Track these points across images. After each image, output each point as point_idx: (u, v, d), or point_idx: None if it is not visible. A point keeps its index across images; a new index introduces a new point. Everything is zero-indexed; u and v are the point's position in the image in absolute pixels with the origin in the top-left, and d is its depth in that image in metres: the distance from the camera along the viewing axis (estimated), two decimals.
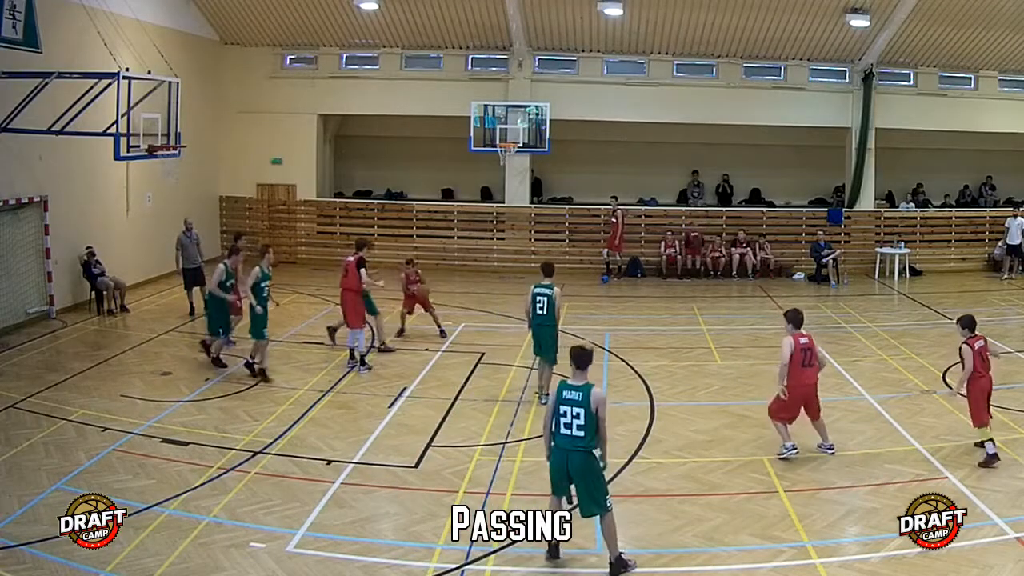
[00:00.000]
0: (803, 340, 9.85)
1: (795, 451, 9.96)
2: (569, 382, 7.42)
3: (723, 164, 24.85)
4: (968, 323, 10.14)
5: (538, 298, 11.86)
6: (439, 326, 15.69)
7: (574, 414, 7.26)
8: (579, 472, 7.33)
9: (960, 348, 10.06)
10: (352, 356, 13.72)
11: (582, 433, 7.27)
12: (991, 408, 10.03)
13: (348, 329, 13.85)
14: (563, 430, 7.33)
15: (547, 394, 12.04)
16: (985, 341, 10.13)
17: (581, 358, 7.46)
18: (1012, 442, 10.28)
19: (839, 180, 24.45)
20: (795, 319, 9.97)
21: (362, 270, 13.66)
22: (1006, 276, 22.21)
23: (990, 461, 9.71)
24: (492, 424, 10.89)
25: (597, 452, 7.41)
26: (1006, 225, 22.70)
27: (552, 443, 7.46)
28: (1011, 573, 7.34)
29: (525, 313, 12.19)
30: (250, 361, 13.18)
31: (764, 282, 22.04)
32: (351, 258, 13.83)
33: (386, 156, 25.06)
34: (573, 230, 23.54)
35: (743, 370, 13.71)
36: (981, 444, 9.92)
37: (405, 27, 22.29)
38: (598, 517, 7.48)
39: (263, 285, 12.98)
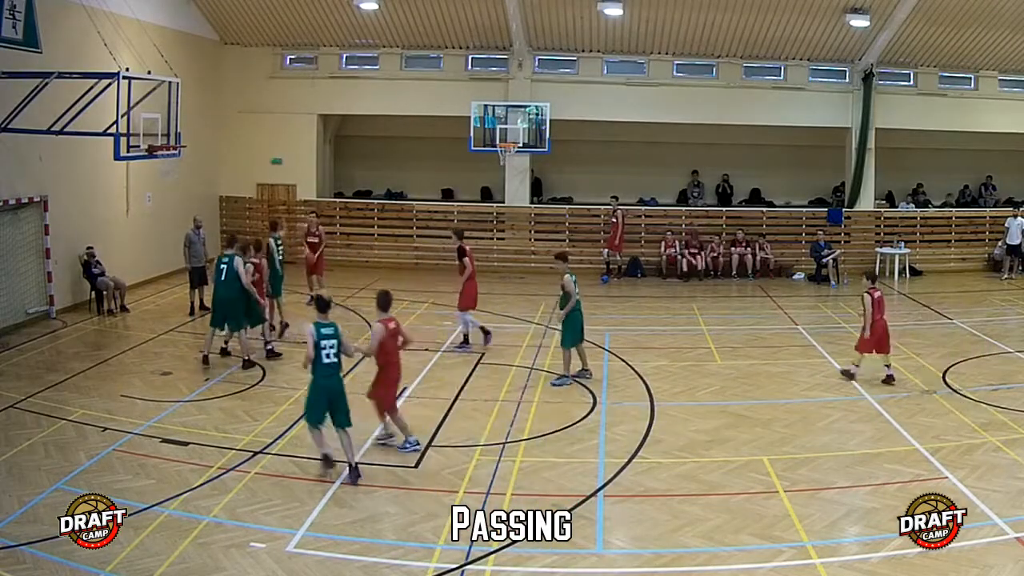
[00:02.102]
0: (392, 325, 9.98)
1: (418, 446, 10.11)
2: (322, 321, 9.24)
3: (723, 164, 24.82)
4: (871, 276, 13.42)
5: (575, 285, 12.73)
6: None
7: (330, 345, 9.17)
8: (337, 394, 9.24)
9: (863, 296, 12.88)
10: (467, 340, 14.68)
11: (337, 360, 9.23)
12: (891, 344, 12.84)
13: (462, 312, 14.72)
14: (324, 360, 9.15)
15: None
16: (881, 292, 12.88)
17: (326, 305, 9.42)
18: (1012, 442, 10.28)
19: (839, 180, 24.45)
20: (384, 303, 10.06)
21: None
22: (1006, 276, 22.20)
23: (847, 375, 12.90)
24: (492, 424, 10.89)
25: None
26: (1006, 225, 22.67)
27: (314, 376, 9.22)
28: (1011, 573, 7.34)
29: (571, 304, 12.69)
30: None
31: (764, 282, 22.02)
32: (468, 247, 14.81)
33: (386, 156, 25.04)
34: (573, 230, 23.52)
35: (743, 370, 13.70)
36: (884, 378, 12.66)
37: (405, 27, 22.29)
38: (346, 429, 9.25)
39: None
